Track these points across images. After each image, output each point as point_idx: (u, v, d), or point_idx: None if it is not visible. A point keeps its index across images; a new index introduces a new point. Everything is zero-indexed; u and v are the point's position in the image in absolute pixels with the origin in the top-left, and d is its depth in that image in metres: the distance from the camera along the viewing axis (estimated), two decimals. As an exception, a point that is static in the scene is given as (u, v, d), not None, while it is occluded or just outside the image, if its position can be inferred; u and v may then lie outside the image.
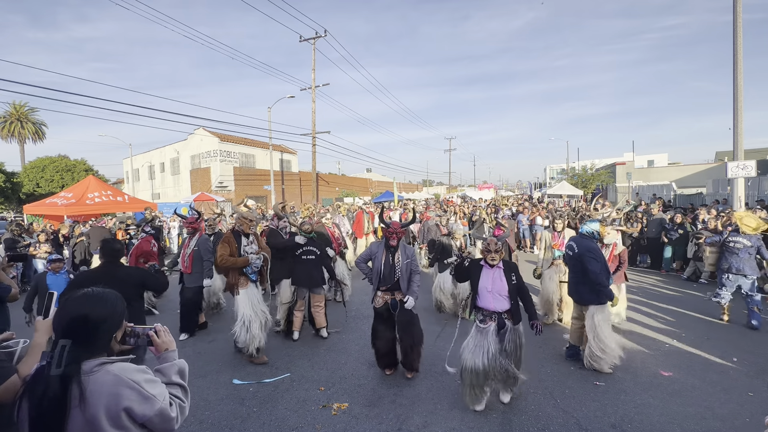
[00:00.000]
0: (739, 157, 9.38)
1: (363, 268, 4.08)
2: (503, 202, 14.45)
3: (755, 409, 3.24)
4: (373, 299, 3.96)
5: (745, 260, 5.09)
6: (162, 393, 1.27)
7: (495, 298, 3.32)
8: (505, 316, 3.30)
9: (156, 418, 1.23)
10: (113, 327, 1.30)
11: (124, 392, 1.18)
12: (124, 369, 1.22)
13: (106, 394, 1.16)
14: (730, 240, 5.26)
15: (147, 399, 1.21)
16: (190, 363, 4.18)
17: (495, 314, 3.31)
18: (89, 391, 1.15)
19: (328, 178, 39.88)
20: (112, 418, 1.16)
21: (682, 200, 18.00)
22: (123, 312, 1.35)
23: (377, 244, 4.03)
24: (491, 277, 3.38)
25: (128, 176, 37.09)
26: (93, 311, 1.25)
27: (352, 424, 3.16)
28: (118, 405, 1.17)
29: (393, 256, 3.85)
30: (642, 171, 32.40)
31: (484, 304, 3.36)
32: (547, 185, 44.00)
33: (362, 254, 4.15)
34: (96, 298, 1.30)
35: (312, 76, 21.24)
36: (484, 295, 3.37)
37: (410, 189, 50.39)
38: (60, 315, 1.25)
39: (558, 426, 3.07)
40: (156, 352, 1.43)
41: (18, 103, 31.56)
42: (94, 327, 1.24)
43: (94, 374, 1.18)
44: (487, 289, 3.36)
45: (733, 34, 9.28)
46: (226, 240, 4.34)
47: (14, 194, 25.23)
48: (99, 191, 13.96)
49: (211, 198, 23.17)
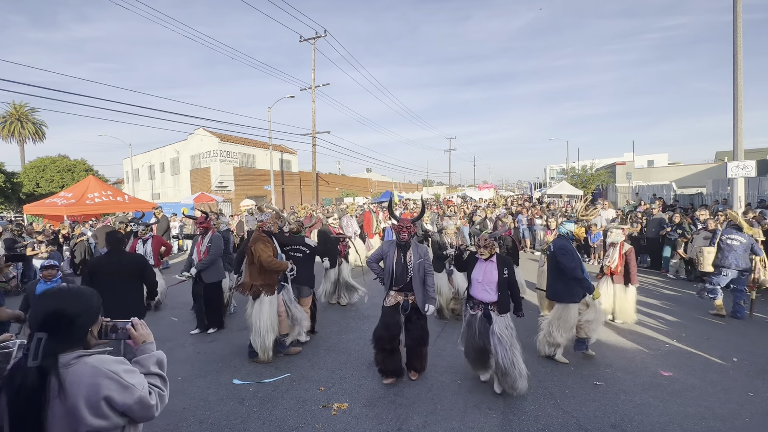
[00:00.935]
0: (739, 157, 9.38)
1: (374, 268, 3.93)
2: (501, 202, 14.49)
3: (755, 409, 3.24)
4: (385, 299, 3.86)
5: (741, 256, 5.37)
6: (141, 382, 1.32)
7: (484, 289, 3.59)
8: (491, 307, 3.57)
9: (136, 406, 1.28)
10: (89, 321, 1.35)
11: (104, 382, 1.23)
12: (102, 360, 1.28)
13: (86, 385, 1.21)
14: (728, 237, 5.52)
15: (126, 388, 1.26)
16: (190, 363, 4.17)
17: (482, 304, 3.61)
18: (68, 382, 1.20)
19: (328, 178, 39.88)
20: (92, 407, 1.20)
21: (682, 200, 18.00)
22: (98, 307, 1.39)
23: (389, 243, 3.91)
24: (483, 269, 3.63)
25: (128, 176, 37.09)
26: (69, 306, 1.30)
27: (352, 424, 3.16)
28: (98, 394, 1.21)
29: (405, 255, 3.73)
30: (642, 171, 32.37)
31: (473, 293, 3.68)
32: (547, 185, 43.98)
33: (373, 254, 4.01)
34: (72, 293, 1.35)
35: (312, 76, 21.24)
36: (475, 285, 3.66)
37: (410, 189, 50.41)
38: (36, 309, 1.29)
39: (558, 426, 3.07)
40: (134, 344, 1.48)
41: (18, 103, 31.58)
42: (70, 321, 1.28)
43: (72, 366, 1.23)
44: (478, 280, 3.63)
45: (733, 34, 9.28)
46: (265, 240, 4.27)
47: (14, 194, 25.25)
48: (99, 191, 13.95)
49: (211, 198, 23.18)
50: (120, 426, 1.30)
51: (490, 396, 3.52)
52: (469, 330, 3.69)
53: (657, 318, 5.60)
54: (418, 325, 3.76)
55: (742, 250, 5.37)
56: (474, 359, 3.71)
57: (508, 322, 3.55)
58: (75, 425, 1.20)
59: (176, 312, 6.36)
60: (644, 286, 7.49)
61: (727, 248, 5.46)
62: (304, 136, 22.24)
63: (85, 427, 1.20)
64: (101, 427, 1.23)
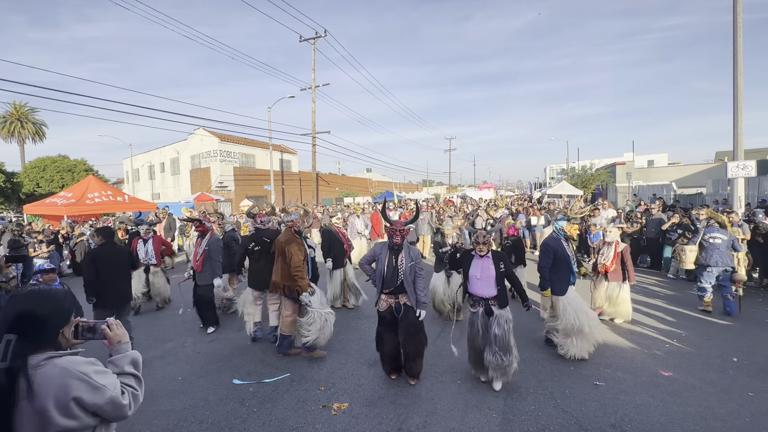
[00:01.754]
0: (739, 157, 9.38)
1: (367, 270, 3.93)
2: (503, 203, 14.49)
3: (755, 409, 3.24)
4: (377, 302, 3.83)
5: (725, 253, 5.55)
6: (112, 383, 1.33)
7: (483, 285, 3.65)
8: (492, 302, 3.64)
9: (107, 406, 1.29)
10: (60, 323, 1.34)
11: (73, 383, 1.23)
12: (71, 362, 1.28)
13: (55, 386, 1.22)
14: (710, 236, 5.70)
15: (96, 389, 1.27)
16: (190, 363, 4.16)
17: (482, 300, 3.67)
18: (37, 383, 1.21)
19: (328, 178, 39.89)
20: (61, 407, 1.21)
21: (682, 200, 17.99)
22: (70, 309, 1.39)
23: (381, 245, 3.86)
24: (480, 266, 3.70)
25: (128, 176, 37.09)
26: (39, 307, 1.30)
27: (352, 424, 3.16)
28: (67, 395, 1.22)
29: (396, 258, 3.69)
30: (642, 171, 32.36)
31: (473, 290, 3.72)
32: (547, 185, 43.97)
33: (366, 255, 3.98)
34: (43, 295, 1.35)
35: (312, 76, 21.24)
36: (474, 282, 3.71)
37: (410, 189, 50.43)
38: (6, 311, 1.29)
39: (558, 426, 3.07)
40: (109, 344, 1.48)
41: (18, 103, 31.58)
42: (40, 322, 1.29)
43: (41, 368, 1.23)
44: (477, 276, 3.69)
45: (733, 35, 9.27)
46: (299, 243, 4.33)
47: (14, 194, 25.23)
48: (99, 191, 13.96)
49: (211, 198, 23.20)
50: (91, 426, 1.31)
51: (490, 396, 3.52)
52: (471, 329, 3.74)
53: (657, 318, 5.60)
54: (414, 329, 3.69)
55: (724, 247, 5.55)
56: (475, 360, 3.76)
57: (508, 316, 3.66)
58: (44, 426, 1.21)
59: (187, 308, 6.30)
60: (644, 286, 7.49)
61: (710, 247, 5.62)
62: (304, 136, 22.24)
63: (54, 427, 1.21)
64: (71, 428, 1.24)
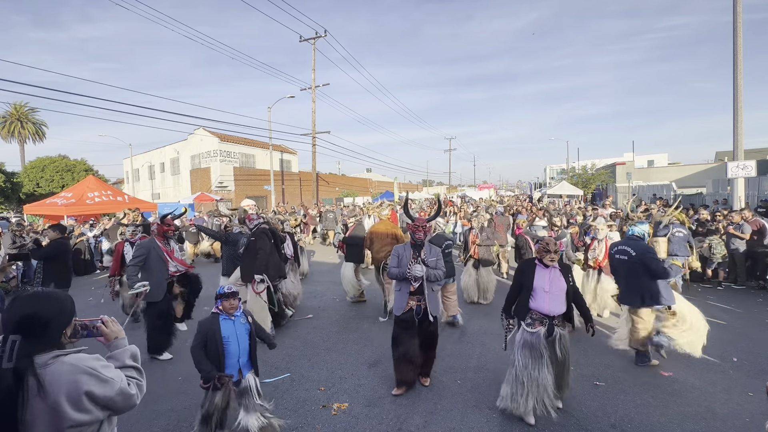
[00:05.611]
0: (739, 157, 9.38)
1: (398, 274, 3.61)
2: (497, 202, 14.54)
3: (755, 409, 3.24)
4: (399, 304, 3.61)
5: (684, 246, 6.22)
6: (118, 375, 1.39)
7: (552, 299, 3.10)
8: (556, 321, 3.12)
9: (118, 397, 1.35)
10: (63, 323, 1.38)
11: (83, 378, 1.28)
12: (79, 359, 1.32)
13: (65, 382, 1.26)
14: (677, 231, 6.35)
15: (105, 382, 1.32)
16: (190, 363, 4.13)
17: (546, 318, 3.11)
18: (47, 381, 1.24)
19: (328, 178, 39.88)
20: (73, 402, 1.25)
21: (682, 201, 17.98)
22: (72, 310, 1.43)
23: (402, 246, 3.70)
24: (548, 277, 3.15)
25: (128, 176, 37.09)
26: (43, 309, 1.33)
27: (352, 424, 3.16)
28: (79, 390, 1.26)
29: (419, 255, 3.56)
30: (642, 171, 32.35)
31: (537, 306, 3.13)
32: (547, 185, 43.98)
33: (391, 263, 3.72)
34: (46, 297, 1.38)
35: (312, 76, 21.25)
36: (541, 295, 3.12)
37: (410, 189, 50.39)
38: (10, 312, 1.31)
39: (558, 426, 3.07)
40: (105, 341, 1.52)
41: (18, 103, 31.58)
42: (44, 323, 1.32)
43: (50, 366, 1.27)
44: (545, 289, 3.12)
45: (733, 35, 9.28)
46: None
47: (14, 194, 25.22)
48: (99, 191, 13.98)
49: (211, 198, 23.18)
50: (100, 420, 1.35)
51: (490, 396, 3.51)
52: (531, 354, 3.07)
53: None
54: (429, 330, 3.62)
55: (684, 240, 6.11)
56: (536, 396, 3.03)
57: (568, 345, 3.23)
58: (58, 421, 1.24)
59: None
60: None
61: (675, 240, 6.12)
62: (304, 136, 22.26)
63: (67, 422, 1.24)
64: (83, 422, 1.28)
